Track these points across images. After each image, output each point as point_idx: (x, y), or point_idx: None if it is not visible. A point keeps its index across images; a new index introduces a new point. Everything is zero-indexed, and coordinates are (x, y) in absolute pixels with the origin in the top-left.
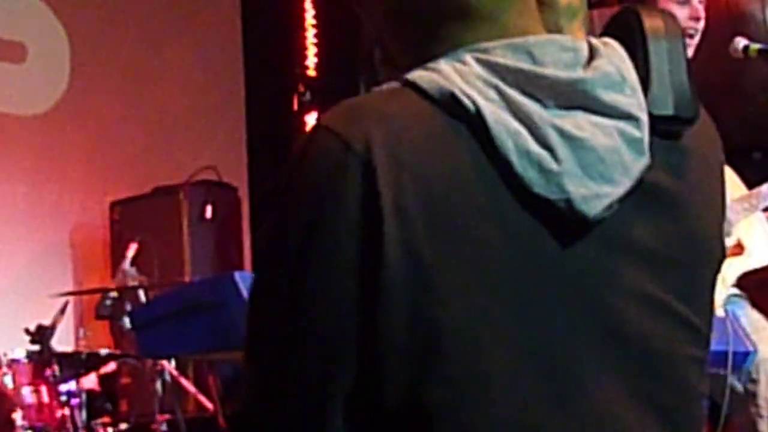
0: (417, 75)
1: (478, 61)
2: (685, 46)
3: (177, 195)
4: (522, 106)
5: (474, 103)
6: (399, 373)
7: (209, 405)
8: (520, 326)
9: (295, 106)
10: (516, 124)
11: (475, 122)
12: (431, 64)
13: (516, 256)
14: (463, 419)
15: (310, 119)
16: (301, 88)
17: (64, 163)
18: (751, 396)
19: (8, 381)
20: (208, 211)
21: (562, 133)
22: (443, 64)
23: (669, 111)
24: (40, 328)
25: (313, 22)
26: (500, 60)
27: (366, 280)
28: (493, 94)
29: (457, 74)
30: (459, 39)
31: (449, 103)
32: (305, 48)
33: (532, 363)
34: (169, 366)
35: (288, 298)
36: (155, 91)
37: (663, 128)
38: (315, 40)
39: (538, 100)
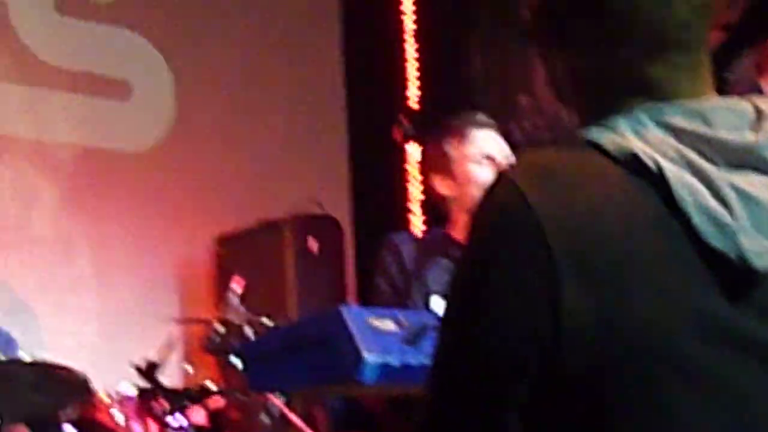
0: (598, 135)
1: (656, 122)
2: None
3: (281, 228)
4: (699, 165)
5: (656, 162)
6: (578, 406)
7: None
8: (695, 363)
9: (397, 138)
10: (695, 182)
11: (656, 180)
12: (610, 123)
13: (691, 301)
14: None
15: (412, 151)
16: (403, 120)
17: (170, 198)
18: None
19: (118, 416)
20: (312, 244)
21: (738, 191)
22: (622, 125)
23: None
24: (148, 363)
25: (415, 54)
26: (676, 122)
27: (540, 328)
28: (671, 152)
29: (636, 135)
30: (637, 104)
31: (631, 163)
32: (407, 80)
33: (711, 395)
34: (277, 400)
35: (461, 331)
36: (258, 126)
37: None
38: (417, 73)
39: (711, 160)
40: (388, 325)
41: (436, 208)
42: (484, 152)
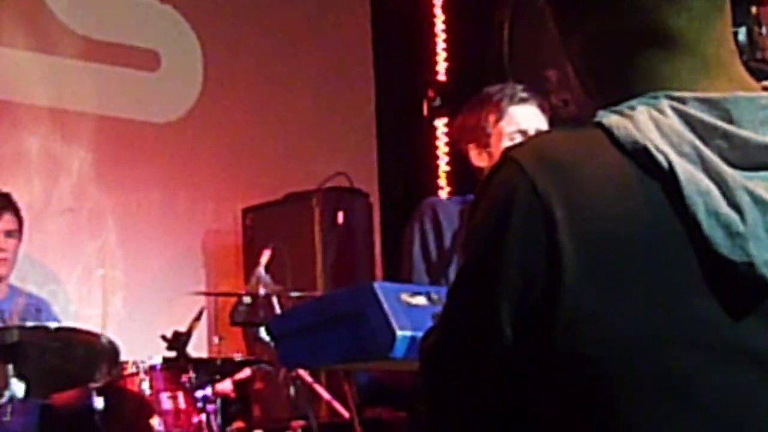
0: (611, 120)
1: (676, 111)
2: None
3: (309, 201)
4: (715, 165)
5: (667, 159)
6: (563, 384)
7: (344, 412)
8: (686, 373)
9: (426, 112)
10: (708, 183)
11: (666, 178)
12: (627, 109)
13: (689, 310)
14: None
15: (441, 125)
16: (431, 94)
17: (197, 169)
18: None
19: (146, 387)
20: (340, 218)
21: (753, 196)
22: (639, 111)
23: None
24: (176, 334)
25: (443, 27)
26: (697, 114)
27: (537, 292)
28: (687, 148)
29: (653, 124)
30: (657, 72)
31: (641, 156)
32: (435, 54)
33: (701, 406)
34: (303, 372)
35: (465, 299)
36: (287, 98)
37: None
38: (445, 46)
39: (728, 159)
40: (420, 300)
41: (464, 180)
42: (520, 128)
